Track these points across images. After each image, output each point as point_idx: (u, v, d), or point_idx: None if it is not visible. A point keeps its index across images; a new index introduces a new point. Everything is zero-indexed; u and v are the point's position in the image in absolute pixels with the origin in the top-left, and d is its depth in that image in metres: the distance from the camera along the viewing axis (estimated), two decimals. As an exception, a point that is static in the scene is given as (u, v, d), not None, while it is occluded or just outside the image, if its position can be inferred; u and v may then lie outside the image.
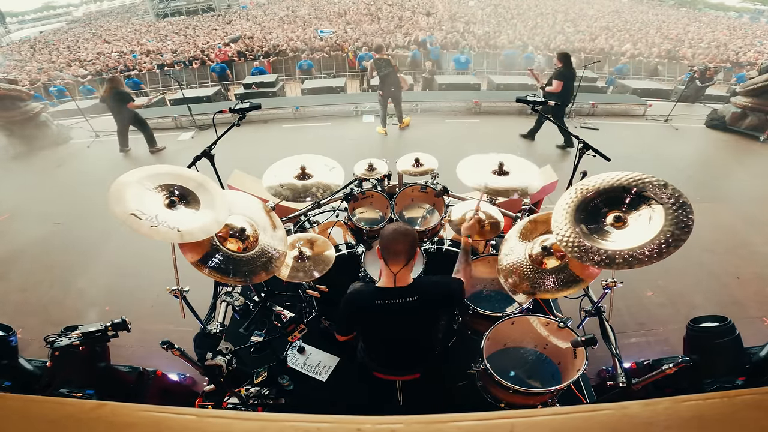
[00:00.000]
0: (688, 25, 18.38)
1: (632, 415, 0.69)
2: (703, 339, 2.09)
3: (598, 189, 1.64)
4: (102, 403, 0.75)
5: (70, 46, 19.17)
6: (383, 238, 1.71)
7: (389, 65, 6.14)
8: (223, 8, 27.89)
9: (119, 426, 0.73)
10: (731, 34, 16.42)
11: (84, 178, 6.01)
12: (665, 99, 9.05)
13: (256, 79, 10.16)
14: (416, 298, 1.68)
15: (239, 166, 3.90)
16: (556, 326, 1.84)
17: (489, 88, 10.07)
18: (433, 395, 2.06)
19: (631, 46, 13.30)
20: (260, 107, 2.61)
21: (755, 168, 5.92)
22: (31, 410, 0.76)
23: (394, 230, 1.71)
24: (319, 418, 0.73)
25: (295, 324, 2.11)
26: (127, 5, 35.66)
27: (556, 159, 6.01)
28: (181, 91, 8.47)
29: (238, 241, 1.79)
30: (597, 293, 2.15)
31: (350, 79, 11.79)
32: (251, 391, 2.04)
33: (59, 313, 3.48)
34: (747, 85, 6.91)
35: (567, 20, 17.64)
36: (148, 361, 2.61)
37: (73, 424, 0.73)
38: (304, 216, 2.79)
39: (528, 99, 2.53)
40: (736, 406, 0.69)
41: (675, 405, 0.69)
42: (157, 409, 0.75)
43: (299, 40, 14.21)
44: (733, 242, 4.17)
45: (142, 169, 1.67)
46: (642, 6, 23.67)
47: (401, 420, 0.72)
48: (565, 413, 0.70)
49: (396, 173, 2.96)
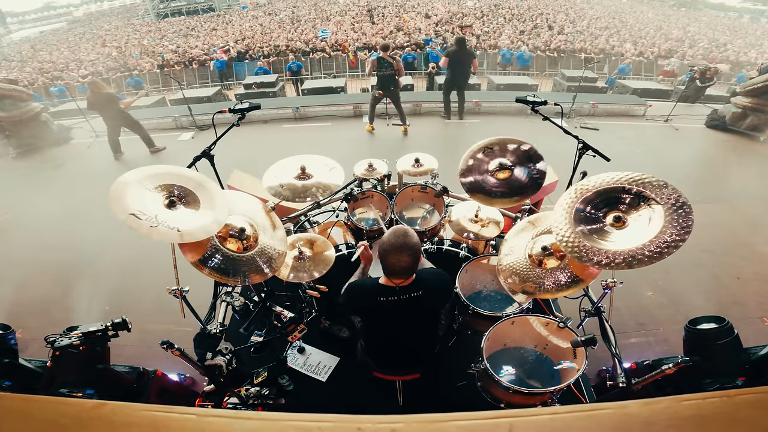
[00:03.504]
0: (688, 25, 18.39)
1: (632, 414, 0.69)
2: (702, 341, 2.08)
3: (598, 189, 1.64)
4: (102, 402, 0.75)
5: (70, 46, 19.19)
6: (383, 251, 1.60)
7: (391, 66, 6.16)
8: (224, 8, 27.92)
9: (119, 426, 0.73)
10: (731, 34, 16.43)
11: (84, 178, 6.01)
12: (665, 99, 9.05)
13: (256, 80, 10.16)
14: (420, 293, 1.66)
15: (239, 167, 3.89)
16: (556, 326, 1.84)
17: (489, 88, 10.08)
18: (433, 395, 2.06)
19: (632, 46, 13.31)
20: (260, 107, 2.61)
21: (755, 168, 5.91)
22: (31, 410, 0.76)
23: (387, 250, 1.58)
24: (319, 417, 0.73)
25: (295, 324, 2.11)
26: (127, 5, 35.73)
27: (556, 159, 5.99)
28: (181, 92, 8.47)
29: (238, 241, 1.79)
30: (597, 293, 2.15)
31: (350, 79, 11.80)
32: (251, 391, 2.04)
33: (59, 313, 3.48)
34: (747, 85, 6.91)
35: (567, 20, 17.65)
36: (148, 361, 2.61)
37: (73, 424, 0.73)
38: (304, 216, 2.80)
39: (528, 99, 2.53)
40: (736, 405, 0.69)
41: (675, 405, 0.69)
42: (157, 409, 0.75)
43: (299, 40, 14.22)
44: (733, 242, 4.17)
45: (142, 169, 1.67)
46: (642, 6, 23.68)
47: (401, 420, 0.72)
48: (565, 413, 0.70)
49: (396, 173, 2.96)
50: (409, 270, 1.62)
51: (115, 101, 6.18)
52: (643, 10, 22.32)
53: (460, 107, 7.43)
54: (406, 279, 1.65)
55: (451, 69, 6.86)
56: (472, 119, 7.66)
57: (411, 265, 1.60)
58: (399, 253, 1.57)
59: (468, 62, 6.84)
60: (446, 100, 7.39)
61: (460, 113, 7.49)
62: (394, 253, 1.57)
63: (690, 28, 17.75)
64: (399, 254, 1.57)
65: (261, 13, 23.65)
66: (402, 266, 1.59)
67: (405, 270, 1.61)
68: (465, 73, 6.96)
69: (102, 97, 6.06)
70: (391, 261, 1.58)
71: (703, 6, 26.36)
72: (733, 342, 2.04)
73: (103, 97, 6.06)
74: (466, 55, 6.80)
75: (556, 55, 12.57)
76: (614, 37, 14.49)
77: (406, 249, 1.57)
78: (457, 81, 7.04)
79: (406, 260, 1.58)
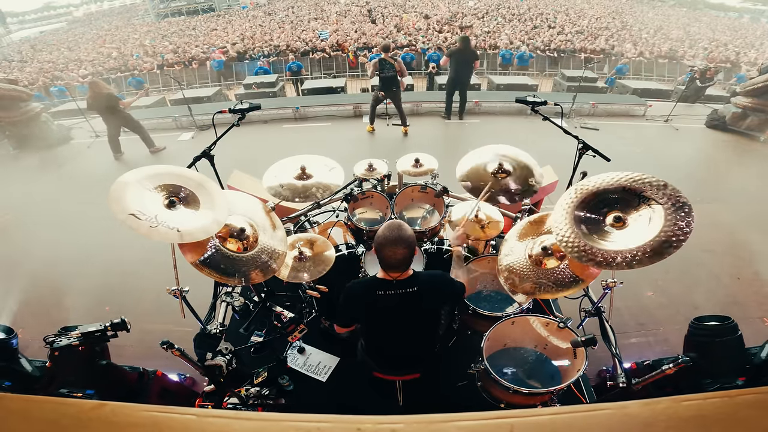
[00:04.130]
0: (688, 25, 18.40)
1: (632, 415, 0.69)
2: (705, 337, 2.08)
3: (598, 189, 1.64)
4: (102, 403, 0.75)
5: (70, 46, 19.20)
6: (378, 244, 1.64)
7: (393, 68, 6.16)
8: (224, 8, 27.92)
9: (119, 426, 0.73)
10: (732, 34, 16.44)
11: (84, 178, 6.01)
12: (665, 99, 9.05)
13: (256, 80, 10.16)
14: (416, 289, 1.67)
15: (239, 167, 3.89)
16: (556, 326, 1.84)
17: (489, 88, 10.07)
18: (433, 395, 2.06)
19: (632, 46, 13.31)
20: (260, 108, 2.61)
21: (755, 168, 5.91)
22: (31, 410, 0.76)
23: (382, 243, 1.62)
24: (319, 417, 0.73)
25: (295, 324, 2.11)
26: (128, 5, 35.74)
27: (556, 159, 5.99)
28: (181, 92, 8.47)
29: (238, 241, 1.79)
30: (597, 293, 2.15)
31: (350, 79, 11.79)
32: (251, 391, 2.04)
33: (59, 313, 3.48)
34: (747, 85, 6.91)
35: (567, 20, 17.65)
36: (148, 361, 2.61)
37: (73, 424, 0.73)
38: (304, 216, 2.79)
39: (528, 99, 2.53)
40: (737, 405, 0.69)
41: (675, 405, 0.69)
42: (157, 410, 0.75)
43: (299, 40, 14.22)
44: (733, 242, 4.17)
45: (142, 170, 1.67)
46: (642, 6, 23.68)
47: (401, 420, 0.72)
48: (565, 413, 0.70)
49: (396, 173, 2.96)
50: (405, 262, 1.66)
51: (115, 101, 6.16)
52: (644, 10, 22.32)
53: (461, 107, 7.43)
54: (402, 272, 1.67)
55: (455, 68, 6.84)
56: (472, 119, 7.66)
57: (407, 257, 1.65)
58: (394, 246, 1.61)
59: (471, 61, 6.84)
60: (449, 100, 7.37)
61: (461, 113, 7.49)
62: (390, 246, 1.61)
63: (690, 28, 17.76)
64: (394, 247, 1.61)
65: (261, 13, 23.65)
66: (398, 258, 1.63)
67: (401, 263, 1.65)
68: (468, 72, 6.96)
69: (102, 97, 6.04)
70: (387, 254, 1.62)
71: (703, 6, 26.36)
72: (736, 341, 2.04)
73: (103, 97, 6.04)
74: (470, 54, 6.80)
75: (556, 55, 12.58)
76: (614, 37, 14.49)
77: (401, 242, 1.61)
78: (460, 80, 7.02)
79: (402, 252, 1.62)
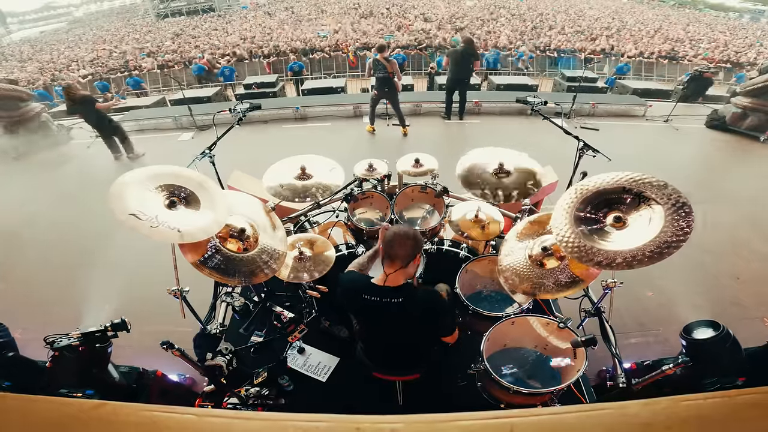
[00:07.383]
0: (688, 25, 18.40)
1: (632, 415, 0.69)
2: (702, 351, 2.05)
3: (598, 189, 1.64)
4: (102, 402, 0.75)
5: (70, 46, 19.20)
6: (387, 237, 1.72)
7: (385, 69, 6.14)
8: (224, 8, 27.92)
9: (119, 426, 0.73)
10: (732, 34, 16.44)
11: (84, 179, 6.00)
12: (665, 99, 9.05)
13: (256, 80, 10.15)
14: (400, 300, 1.67)
15: (239, 167, 3.89)
16: (556, 327, 1.84)
17: (489, 88, 10.07)
18: (433, 395, 2.06)
19: (632, 46, 13.31)
20: (260, 108, 2.62)
21: (755, 168, 5.91)
22: (31, 410, 0.76)
23: (395, 233, 1.71)
24: (319, 417, 0.73)
25: (295, 324, 2.11)
26: (128, 5, 35.75)
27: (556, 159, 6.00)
28: (181, 92, 8.47)
29: (238, 241, 1.79)
30: (597, 294, 2.15)
31: (350, 79, 11.79)
32: (251, 391, 2.04)
33: (59, 313, 3.47)
34: (747, 86, 6.91)
35: (567, 20, 17.66)
36: (148, 361, 2.61)
37: (73, 424, 0.73)
38: (304, 216, 2.79)
39: (528, 99, 2.54)
40: (736, 405, 0.69)
41: (675, 405, 0.69)
42: (157, 409, 0.75)
43: (299, 40, 14.23)
44: (733, 242, 4.17)
45: (143, 170, 1.67)
46: (642, 6, 23.69)
47: (401, 420, 0.72)
48: (565, 413, 0.70)
49: (396, 173, 2.96)
50: (406, 258, 1.67)
51: (91, 103, 6.05)
52: (643, 10, 22.32)
53: (461, 107, 7.43)
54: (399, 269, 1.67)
55: (456, 68, 6.84)
56: (472, 119, 7.66)
57: (410, 252, 1.68)
58: (405, 237, 1.68)
59: (472, 62, 6.83)
60: (449, 100, 7.37)
61: (461, 113, 7.49)
62: (401, 237, 1.69)
63: (690, 28, 17.75)
64: (404, 238, 1.68)
65: (261, 13, 23.65)
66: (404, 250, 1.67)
67: (403, 257, 1.67)
68: (468, 72, 6.95)
69: (77, 100, 5.95)
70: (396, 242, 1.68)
71: (703, 6, 26.36)
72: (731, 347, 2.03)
73: (78, 100, 5.95)
74: (472, 55, 6.78)
75: (556, 55, 12.58)
76: (614, 37, 14.50)
77: (409, 237, 1.69)
78: (461, 80, 7.01)
79: (410, 243, 1.68)
